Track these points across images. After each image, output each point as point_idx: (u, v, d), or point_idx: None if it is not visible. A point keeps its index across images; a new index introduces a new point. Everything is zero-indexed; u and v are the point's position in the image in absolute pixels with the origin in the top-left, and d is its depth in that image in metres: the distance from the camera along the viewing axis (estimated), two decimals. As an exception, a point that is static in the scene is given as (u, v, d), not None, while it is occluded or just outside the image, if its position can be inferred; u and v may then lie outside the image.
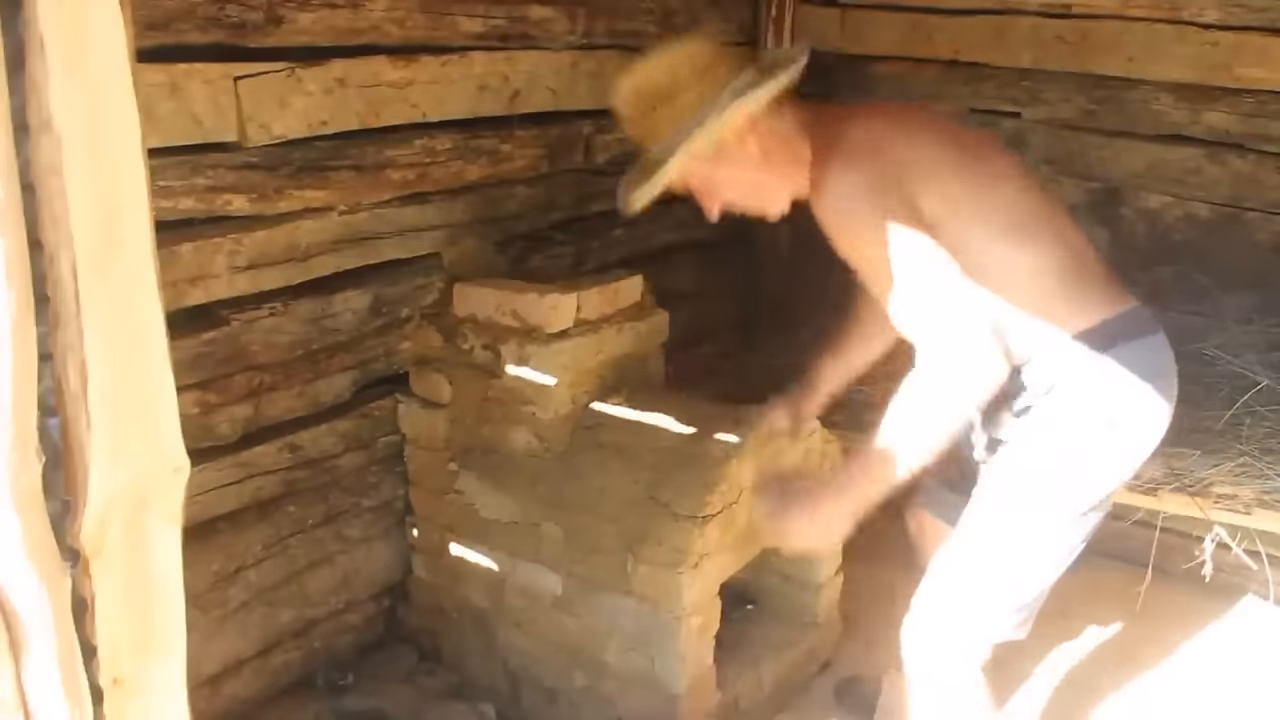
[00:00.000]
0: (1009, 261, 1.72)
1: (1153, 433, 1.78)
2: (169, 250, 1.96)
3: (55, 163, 0.88)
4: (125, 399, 0.95)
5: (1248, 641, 2.77)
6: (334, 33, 2.21)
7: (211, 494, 2.18)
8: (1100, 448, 1.75)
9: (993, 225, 1.72)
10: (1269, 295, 2.96)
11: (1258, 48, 2.88)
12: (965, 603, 1.83)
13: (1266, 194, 2.97)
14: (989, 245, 1.71)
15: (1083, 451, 1.75)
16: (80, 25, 0.87)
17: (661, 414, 2.37)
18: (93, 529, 0.95)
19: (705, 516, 2.14)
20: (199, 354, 2.09)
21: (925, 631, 1.86)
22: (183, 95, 1.97)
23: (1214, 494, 2.51)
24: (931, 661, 1.87)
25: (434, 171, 2.47)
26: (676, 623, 2.16)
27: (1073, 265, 1.76)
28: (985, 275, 1.68)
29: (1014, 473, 1.79)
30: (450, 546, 2.49)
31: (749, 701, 2.43)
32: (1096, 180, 3.19)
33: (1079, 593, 2.95)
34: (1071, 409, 1.74)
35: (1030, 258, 1.74)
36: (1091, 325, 1.72)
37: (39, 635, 0.94)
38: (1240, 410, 2.71)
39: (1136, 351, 1.74)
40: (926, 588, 1.87)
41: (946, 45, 3.27)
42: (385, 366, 2.49)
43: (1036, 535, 1.79)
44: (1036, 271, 1.74)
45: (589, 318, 2.40)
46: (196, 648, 1.10)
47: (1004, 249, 1.72)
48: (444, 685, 2.47)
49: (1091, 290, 1.76)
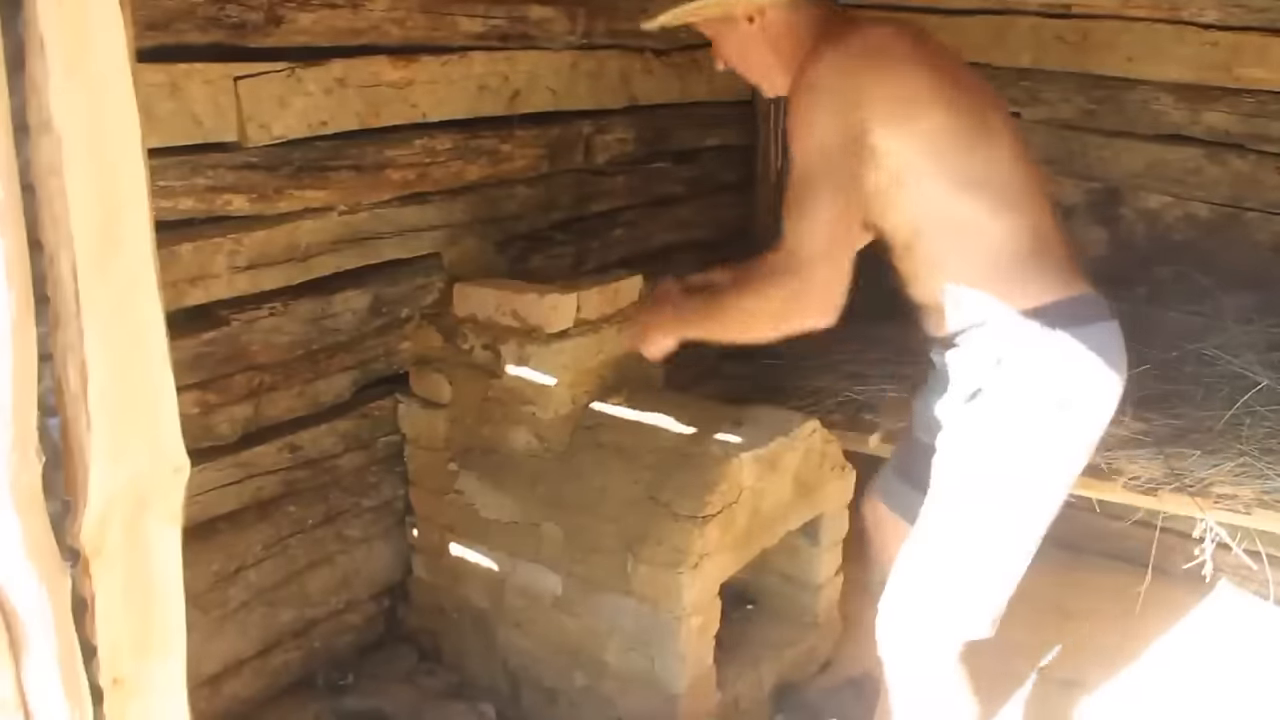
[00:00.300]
0: (975, 224, 1.74)
1: (1101, 416, 1.79)
2: (169, 250, 1.96)
3: (55, 163, 0.88)
4: (125, 399, 0.95)
5: (1248, 641, 2.77)
6: (334, 33, 2.21)
7: (211, 494, 2.18)
8: (1053, 429, 1.75)
9: (967, 184, 1.73)
10: (1269, 295, 2.96)
11: (1258, 48, 2.88)
12: (935, 596, 1.82)
13: (1266, 194, 2.98)
14: (958, 202, 1.72)
15: (1036, 434, 1.75)
16: (80, 25, 0.87)
17: (661, 414, 2.37)
18: (93, 529, 0.95)
19: (705, 516, 2.14)
20: (199, 354, 2.09)
21: (898, 627, 1.86)
22: (183, 95, 1.97)
23: (1214, 494, 2.51)
24: (907, 657, 1.87)
25: (434, 171, 2.47)
26: (676, 623, 2.16)
27: (1037, 243, 1.77)
28: (947, 229, 1.73)
29: (970, 461, 1.79)
30: (450, 546, 2.49)
31: (749, 701, 2.43)
32: (1096, 180, 3.20)
33: (1079, 593, 2.96)
34: (1021, 389, 1.74)
35: (999, 226, 1.74)
36: (1044, 304, 1.73)
37: (39, 635, 0.94)
38: (1240, 410, 2.71)
39: (1087, 335, 1.75)
40: (895, 584, 1.86)
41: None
42: (385, 366, 2.49)
43: (998, 523, 1.79)
44: (1001, 240, 1.74)
45: (589, 318, 2.40)
46: (196, 648, 1.10)
47: (972, 210, 1.73)
48: (444, 685, 2.47)
49: (1050, 270, 1.77)
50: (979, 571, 1.81)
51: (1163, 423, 2.74)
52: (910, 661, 1.87)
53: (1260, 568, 2.80)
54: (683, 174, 3.22)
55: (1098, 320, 1.78)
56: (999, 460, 1.77)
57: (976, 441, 1.78)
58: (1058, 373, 1.73)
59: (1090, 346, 1.74)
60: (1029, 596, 2.88)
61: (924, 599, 1.83)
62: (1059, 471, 1.79)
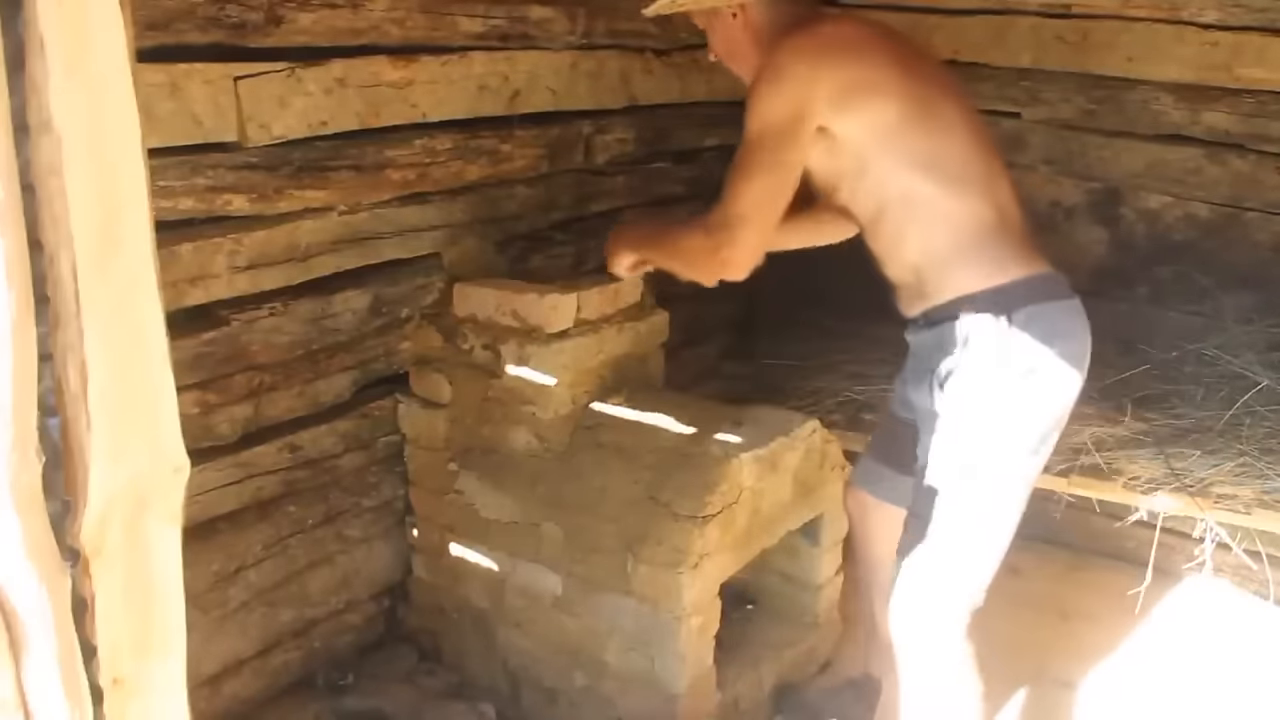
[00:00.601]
0: (932, 203, 1.85)
1: (1068, 385, 1.86)
2: (169, 250, 1.96)
3: (55, 163, 0.88)
4: (125, 399, 0.95)
5: (1248, 641, 2.77)
6: (334, 33, 2.21)
7: (211, 494, 2.18)
8: (1022, 395, 1.83)
9: (921, 165, 1.84)
10: (1269, 295, 2.96)
11: (1258, 48, 2.88)
12: (944, 575, 1.89)
13: (1266, 194, 2.98)
14: (915, 181, 1.84)
15: (1007, 403, 1.83)
16: (80, 25, 0.87)
17: (661, 414, 2.37)
18: (93, 529, 0.95)
19: (705, 516, 2.14)
20: (199, 354, 2.09)
21: (913, 611, 1.91)
22: (183, 95, 1.97)
23: (1214, 494, 2.52)
24: (924, 638, 1.92)
25: (434, 171, 2.47)
26: (676, 623, 2.16)
27: (998, 224, 1.87)
28: (907, 208, 1.86)
29: (952, 441, 1.87)
30: (450, 546, 2.49)
31: (749, 701, 2.43)
32: (1096, 180, 3.20)
33: (1079, 593, 2.97)
34: (988, 365, 1.82)
35: (957, 206, 1.85)
36: (1005, 282, 1.82)
37: (39, 635, 0.94)
38: (1240, 410, 2.71)
39: (1048, 311, 1.83)
40: (904, 570, 1.92)
41: (946, 45, 3.27)
42: (385, 366, 2.49)
43: (988, 495, 1.86)
44: (960, 219, 1.85)
45: (589, 318, 2.40)
46: (196, 648, 1.10)
47: (929, 190, 1.84)
48: (444, 685, 2.47)
49: (1010, 250, 1.86)
50: (978, 545, 1.88)
51: (1163, 423, 2.75)
52: (927, 642, 1.92)
53: (1260, 568, 2.80)
54: (683, 174, 3.22)
55: (1058, 298, 1.86)
56: (978, 435, 1.85)
57: (955, 422, 1.86)
58: (1021, 346, 1.81)
59: (1052, 321, 1.83)
60: (1029, 596, 2.90)
61: (934, 579, 1.89)
62: (1034, 435, 1.86)
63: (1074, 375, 1.85)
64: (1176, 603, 2.91)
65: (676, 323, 2.65)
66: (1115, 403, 2.81)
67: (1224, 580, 2.93)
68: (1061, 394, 1.86)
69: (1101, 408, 2.81)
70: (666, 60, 3.06)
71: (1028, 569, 2.97)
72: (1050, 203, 3.26)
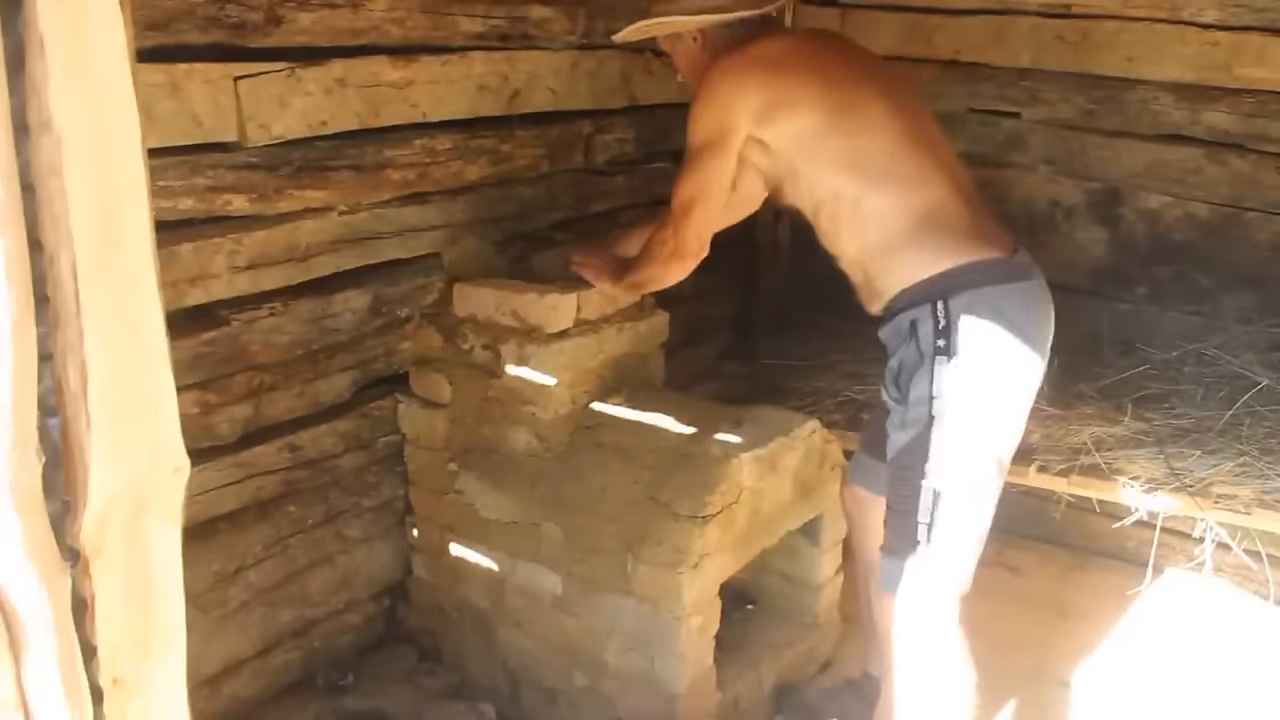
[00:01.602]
0: (860, 198, 1.96)
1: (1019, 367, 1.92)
2: (169, 250, 1.96)
3: (55, 163, 0.87)
4: (125, 399, 0.95)
5: (1248, 641, 2.77)
6: (334, 33, 2.21)
7: (211, 494, 2.18)
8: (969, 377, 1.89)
9: (847, 166, 1.97)
10: (1269, 295, 2.97)
11: (1258, 48, 2.88)
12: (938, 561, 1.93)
13: (1266, 194, 2.98)
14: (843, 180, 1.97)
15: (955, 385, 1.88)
16: (80, 25, 0.87)
17: (661, 414, 2.37)
18: (93, 529, 0.95)
19: (705, 516, 2.14)
20: (199, 354, 2.09)
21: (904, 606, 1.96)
22: (183, 95, 1.97)
23: (1214, 494, 2.52)
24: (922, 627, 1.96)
25: (434, 171, 2.47)
26: (676, 623, 2.16)
27: (936, 215, 1.94)
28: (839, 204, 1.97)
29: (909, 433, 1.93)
30: (450, 546, 2.49)
31: (749, 701, 2.43)
32: (1096, 180, 3.19)
33: (1078, 593, 2.97)
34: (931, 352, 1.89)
35: (885, 200, 1.95)
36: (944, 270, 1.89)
37: (39, 635, 0.94)
38: (1240, 410, 2.71)
39: (990, 295, 1.89)
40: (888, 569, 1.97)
41: (946, 45, 3.27)
42: (385, 366, 2.49)
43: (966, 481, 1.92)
44: (889, 213, 1.95)
45: (589, 318, 2.40)
46: (196, 648, 1.10)
47: (856, 187, 1.96)
48: (444, 685, 2.47)
49: (949, 239, 1.92)
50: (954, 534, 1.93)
51: (1163, 423, 2.75)
52: (919, 632, 1.96)
53: (1260, 568, 2.81)
54: (683, 174, 3.22)
55: (1006, 281, 1.91)
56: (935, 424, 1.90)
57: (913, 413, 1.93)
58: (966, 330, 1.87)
59: (995, 304, 1.88)
60: (1029, 595, 2.90)
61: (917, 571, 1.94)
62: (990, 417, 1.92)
63: (1025, 353, 1.90)
64: (1176, 602, 2.91)
65: (676, 323, 2.65)
66: (1115, 403, 2.81)
67: (1224, 580, 2.93)
68: (1014, 373, 1.92)
69: (1101, 408, 2.81)
70: (666, 60, 3.06)
71: (1028, 568, 2.97)
72: (1050, 203, 3.26)
